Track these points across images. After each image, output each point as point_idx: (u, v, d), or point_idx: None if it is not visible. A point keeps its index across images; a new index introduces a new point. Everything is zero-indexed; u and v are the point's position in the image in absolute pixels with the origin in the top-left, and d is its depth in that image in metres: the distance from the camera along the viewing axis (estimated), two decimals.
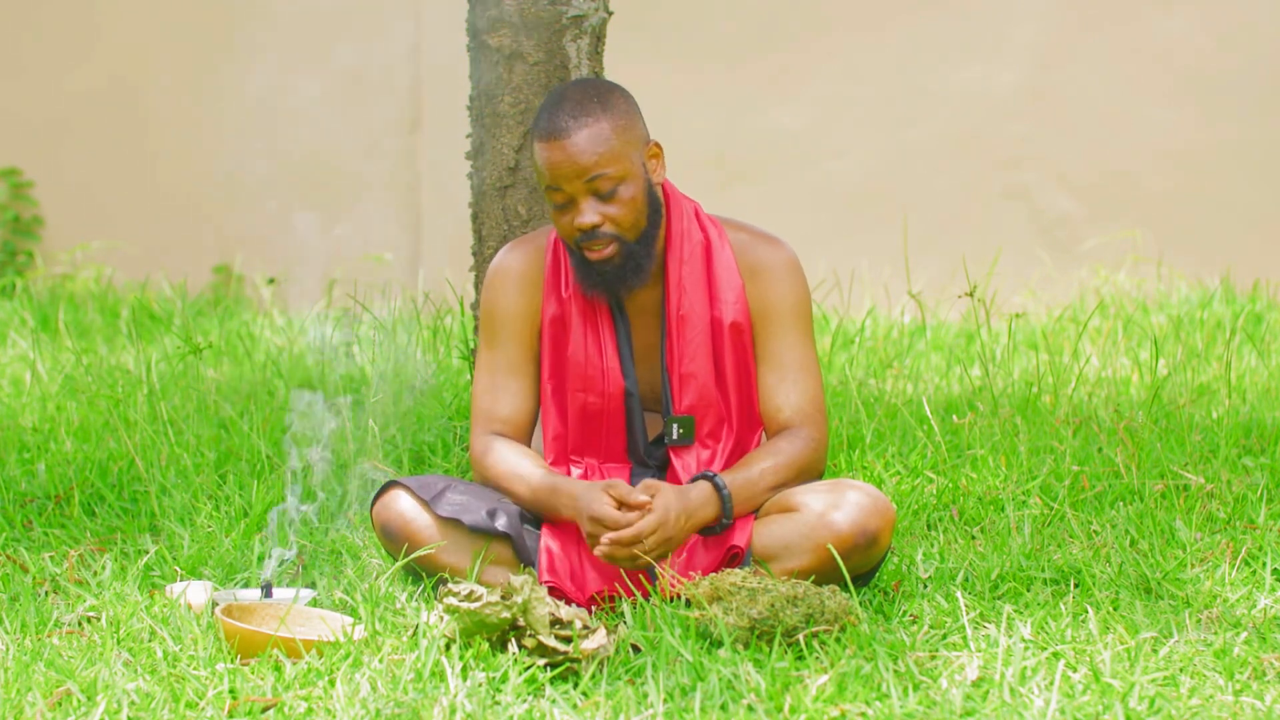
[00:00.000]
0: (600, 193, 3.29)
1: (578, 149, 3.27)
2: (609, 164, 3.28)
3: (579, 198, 3.29)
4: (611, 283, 3.35)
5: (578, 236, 3.32)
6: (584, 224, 3.29)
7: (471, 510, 3.31)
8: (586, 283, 3.37)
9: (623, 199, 3.31)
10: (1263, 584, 3.35)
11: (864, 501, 3.24)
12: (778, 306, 3.44)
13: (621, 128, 3.31)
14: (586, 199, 3.29)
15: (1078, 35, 7.17)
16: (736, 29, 7.32)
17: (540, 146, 3.31)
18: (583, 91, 3.33)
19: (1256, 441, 4.30)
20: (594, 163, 3.27)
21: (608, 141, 3.29)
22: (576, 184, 3.28)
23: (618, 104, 3.32)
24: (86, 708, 2.76)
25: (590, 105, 3.30)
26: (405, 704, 2.71)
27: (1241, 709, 2.73)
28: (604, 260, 3.32)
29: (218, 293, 7.37)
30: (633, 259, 3.34)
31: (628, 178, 3.31)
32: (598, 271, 3.34)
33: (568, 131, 3.28)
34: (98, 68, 7.77)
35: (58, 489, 4.07)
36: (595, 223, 3.29)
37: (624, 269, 3.34)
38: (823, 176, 7.30)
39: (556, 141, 3.28)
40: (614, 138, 3.29)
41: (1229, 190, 7.12)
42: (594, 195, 3.29)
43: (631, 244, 3.33)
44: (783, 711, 2.71)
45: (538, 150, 3.32)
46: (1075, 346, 5.12)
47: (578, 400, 3.43)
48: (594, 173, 3.28)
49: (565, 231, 3.34)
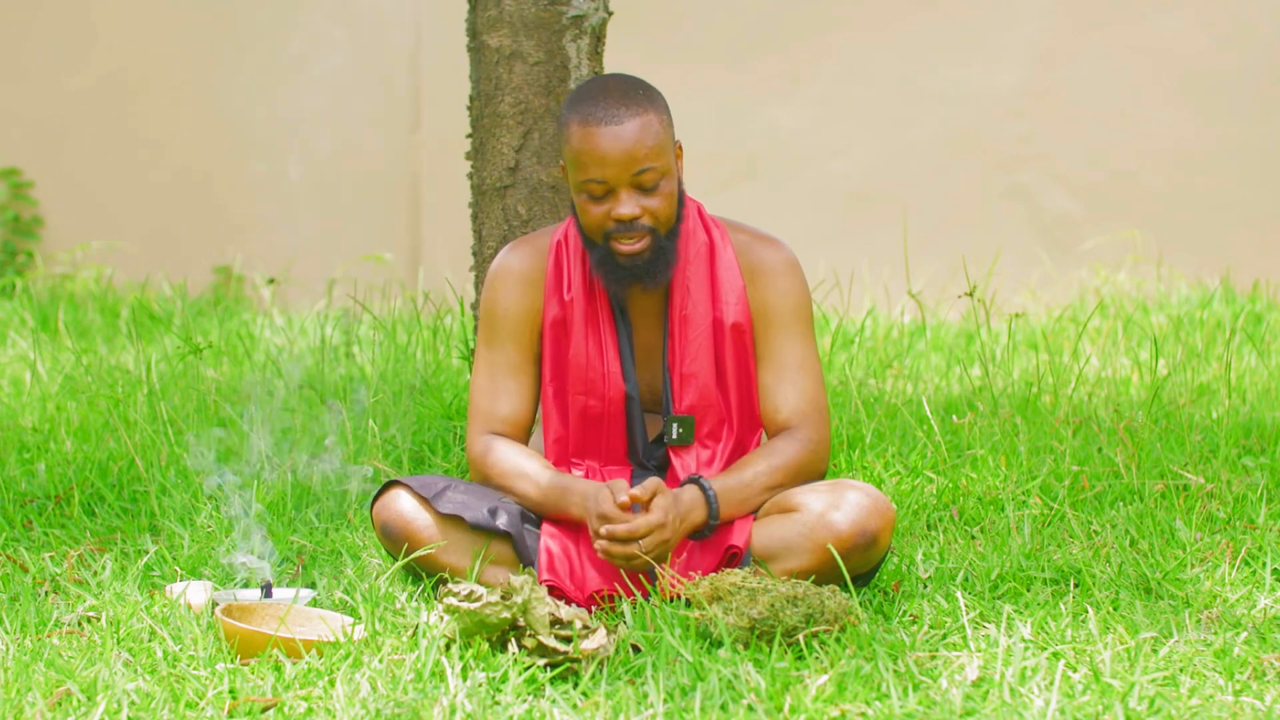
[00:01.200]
0: (644, 186, 3.27)
1: (631, 138, 3.24)
2: (657, 157, 3.27)
3: (621, 188, 3.27)
4: (640, 276, 3.32)
5: (611, 228, 3.29)
6: (624, 215, 3.26)
7: (473, 508, 3.31)
8: (611, 278, 3.33)
9: (663, 193, 3.29)
10: (1263, 584, 3.35)
11: (864, 502, 3.24)
12: (778, 307, 3.44)
13: (665, 122, 3.31)
14: (629, 190, 3.27)
15: (1078, 35, 7.17)
16: (736, 29, 7.32)
17: (585, 132, 3.25)
18: (627, 83, 3.31)
19: (1256, 441, 4.30)
20: (644, 154, 3.25)
21: (656, 135, 3.27)
22: (623, 174, 3.25)
23: (658, 99, 3.32)
24: (86, 708, 2.76)
25: (638, 96, 3.29)
26: (405, 704, 2.71)
27: (1241, 709, 2.73)
28: (635, 254, 3.30)
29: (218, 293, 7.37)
30: (663, 253, 3.32)
31: (668, 172, 3.30)
32: (625, 266, 3.32)
33: (619, 119, 3.25)
34: (97, 68, 7.77)
35: (58, 489, 4.07)
36: (635, 214, 3.27)
37: (654, 263, 3.32)
38: (823, 176, 7.31)
39: (606, 128, 3.24)
40: (660, 131, 3.28)
41: (1228, 190, 7.13)
42: (636, 188, 3.27)
43: (663, 239, 3.32)
44: (783, 711, 2.71)
45: (580, 137, 3.26)
46: (1075, 346, 5.12)
47: (578, 403, 3.43)
48: (643, 165, 3.25)
49: (596, 223, 3.30)
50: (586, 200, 3.29)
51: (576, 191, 3.30)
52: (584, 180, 3.27)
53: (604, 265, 3.34)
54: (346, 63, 7.61)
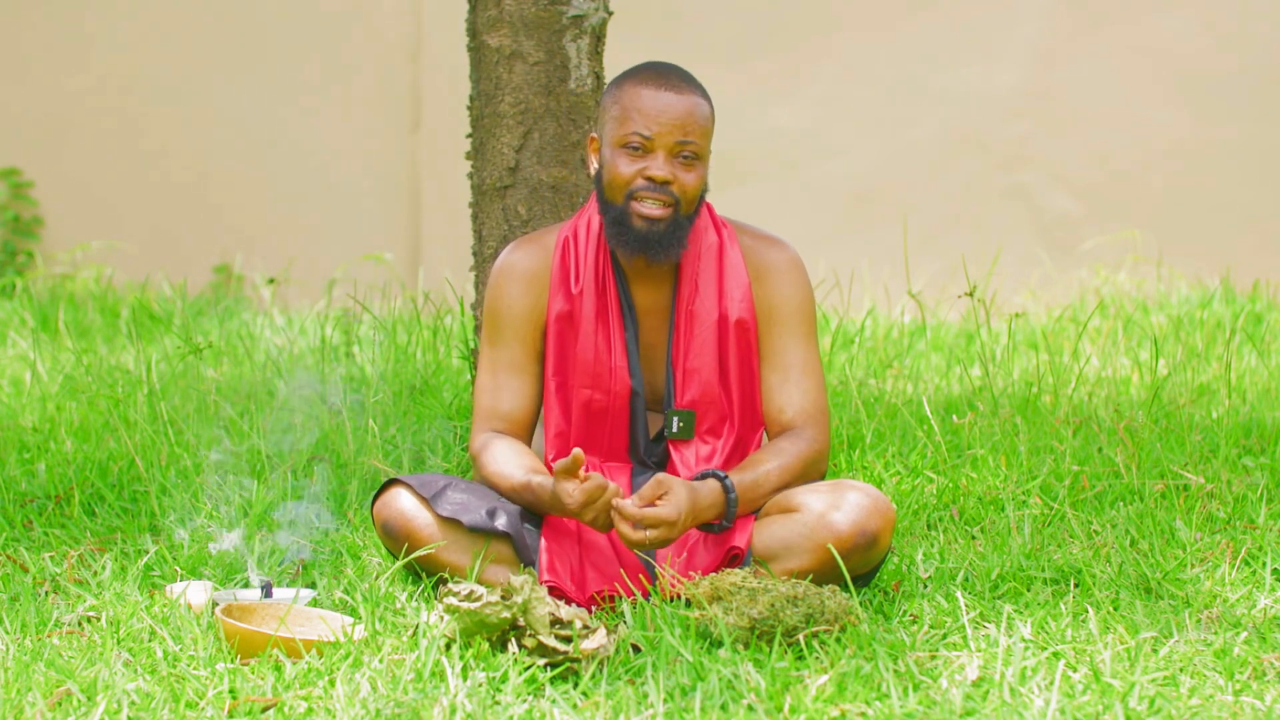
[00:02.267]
0: (683, 156, 3.34)
1: (686, 108, 3.34)
2: (701, 137, 3.36)
3: (661, 151, 3.33)
4: (650, 245, 3.35)
5: (638, 185, 3.33)
6: (657, 174, 3.32)
7: (471, 510, 3.31)
8: (620, 239, 3.37)
9: (696, 173, 3.36)
10: (1263, 584, 3.35)
11: (864, 502, 3.24)
12: (782, 308, 3.45)
13: (712, 119, 3.41)
14: (668, 155, 3.33)
15: (1078, 35, 7.17)
16: (736, 29, 7.32)
17: (645, 91, 3.34)
18: (689, 74, 3.42)
19: (1256, 441, 4.30)
20: (694, 127, 3.34)
21: (706, 118, 3.38)
22: (669, 138, 3.32)
23: (711, 101, 3.42)
24: (86, 708, 2.76)
25: (698, 84, 3.41)
26: (405, 704, 2.71)
27: (1241, 709, 2.73)
28: (653, 220, 3.34)
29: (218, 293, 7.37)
30: (678, 229, 3.36)
31: (704, 158, 3.38)
32: (638, 231, 3.35)
33: (680, 89, 3.36)
34: (97, 68, 7.77)
35: (58, 489, 4.07)
36: (667, 178, 3.33)
37: (667, 236, 3.35)
38: (823, 176, 7.31)
39: (667, 92, 3.34)
40: (709, 119, 3.39)
41: (1228, 190, 7.13)
42: (676, 156, 3.34)
43: (682, 217, 3.36)
44: (783, 711, 2.71)
45: (638, 94, 3.34)
46: (1075, 346, 5.12)
47: (582, 397, 3.43)
48: (689, 137, 3.34)
49: (624, 179, 3.34)
50: (623, 154, 3.35)
51: (615, 146, 3.35)
52: (628, 133, 3.34)
53: (617, 225, 3.37)
54: (346, 63, 7.61)
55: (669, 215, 3.34)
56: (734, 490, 3.28)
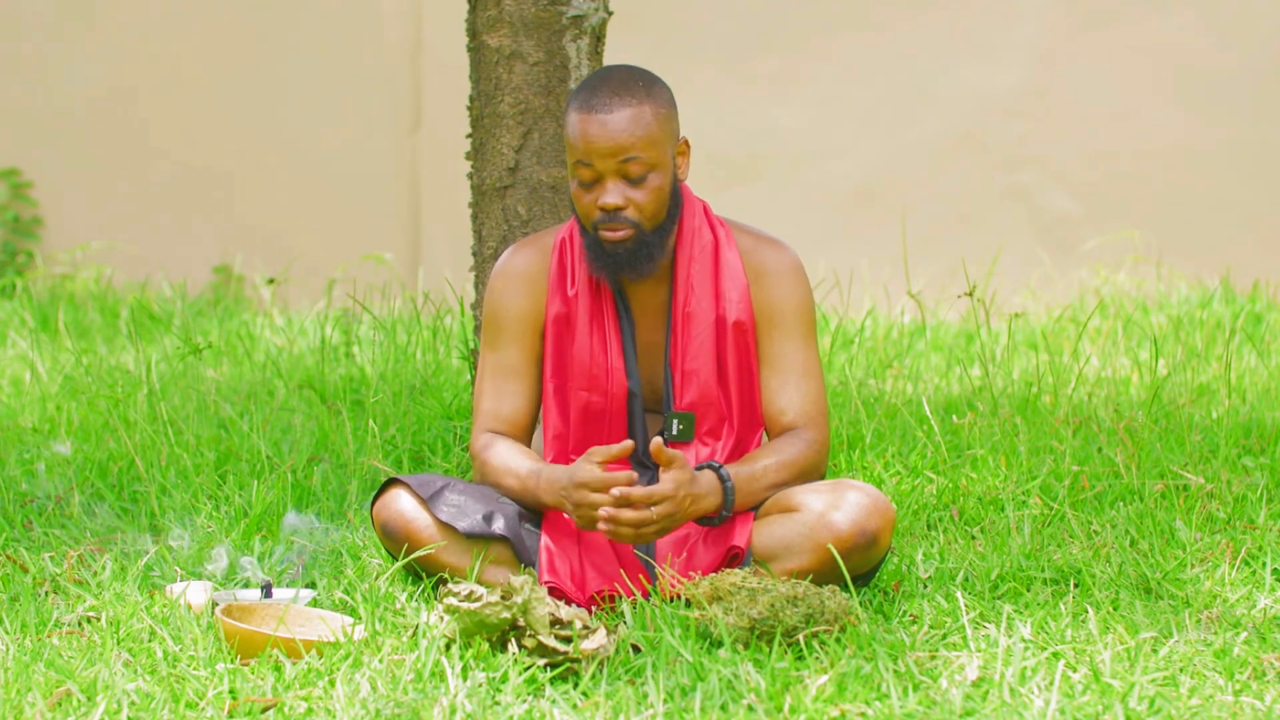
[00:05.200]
0: (630, 176, 3.30)
1: (618, 127, 3.28)
2: (644, 149, 3.29)
3: (607, 177, 3.30)
4: (621, 266, 3.34)
5: (597, 217, 3.32)
6: (608, 204, 3.29)
7: (468, 513, 3.30)
8: (596, 264, 3.36)
9: (650, 186, 3.31)
10: (1263, 584, 3.35)
11: (864, 501, 3.24)
12: (782, 310, 3.44)
13: (662, 117, 3.32)
14: (615, 180, 3.30)
15: (1078, 35, 7.17)
16: (736, 29, 7.32)
17: (578, 119, 3.30)
18: (629, 74, 3.34)
19: (1256, 441, 4.30)
20: (631, 144, 3.28)
21: (647, 126, 3.30)
22: (609, 162, 3.28)
23: (660, 93, 3.34)
24: (86, 708, 2.76)
25: (635, 88, 3.31)
26: (405, 704, 2.71)
27: (1241, 709, 2.73)
28: (618, 242, 3.33)
29: (218, 293, 7.37)
30: (645, 247, 3.34)
31: (658, 166, 3.32)
32: (609, 254, 3.34)
33: (610, 108, 3.29)
34: (98, 68, 7.77)
35: (58, 489, 4.07)
36: (619, 205, 3.29)
37: (635, 255, 3.34)
38: (822, 176, 7.30)
39: (596, 116, 3.28)
40: (654, 124, 3.31)
41: (1228, 190, 7.13)
42: (623, 177, 3.30)
43: (647, 233, 3.34)
44: (783, 711, 2.71)
45: (574, 122, 3.30)
46: (1075, 346, 5.12)
47: (580, 399, 3.43)
48: (629, 154, 3.28)
49: (585, 211, 3.33)
50: (577, 186, 3.34)
51: (570, 176, 3.35)
52: (574, 163, 3.32)
53: (592, 250, 3.37)
54: (346, 63, 7.61)
55: (631, 235, 3.33)
56: (730, 479, 3.28)
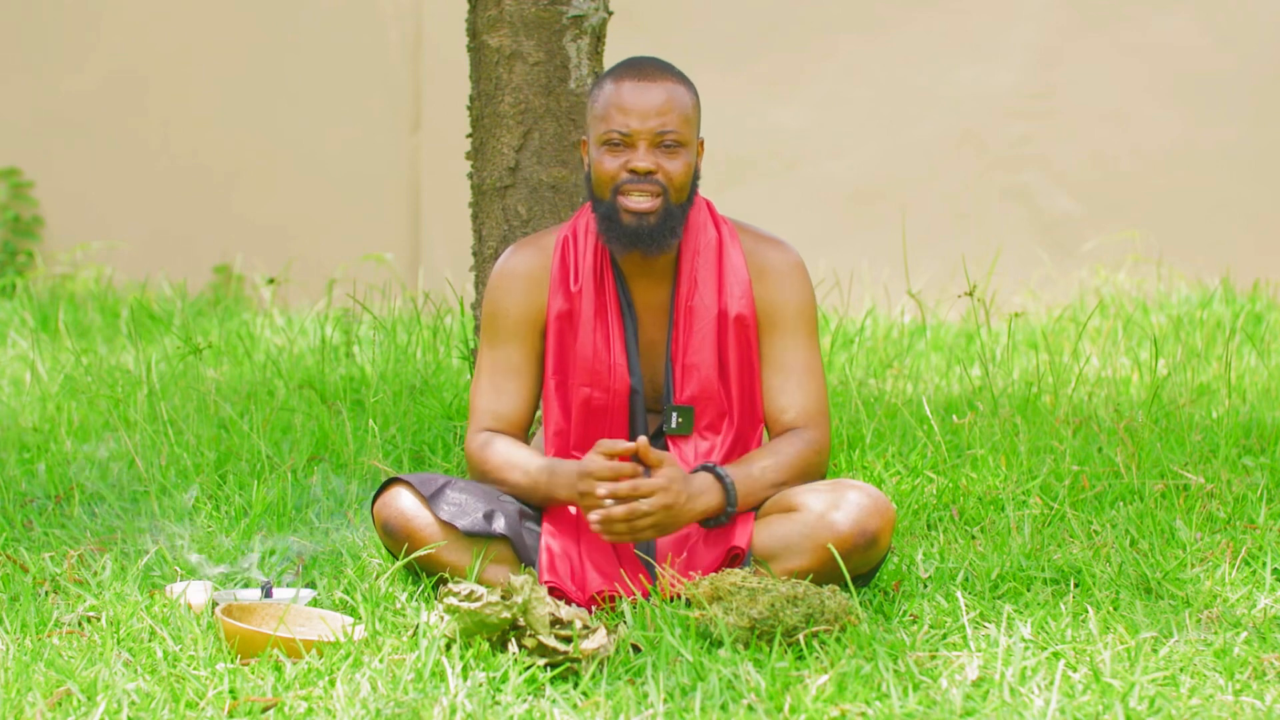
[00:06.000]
0: (664, 144, 3.34)
1: (659, 95, 3.34)
2: (680, 124, 3.35)
3: (641, 142, 3.33)
4: (642, 239, 3.35)
5: (623, 179, 3.33)
6: (640, 166, 3.32)
7: (469, 512, 3.31)
8: (612, 235, 3.36)
9: (682, 160, 3.36)
10: (1263, 584, 3.35)
11: (864, 501, 3.24)
12: (784, 309, 3.45)
13: (694, 104, 3.41)
14: (649, 145, 3.33)
15: (1078, 35, 7.17)
16: (737, 29, 7.32)
17: (615, 87, 3.34)
18: (667, 63, 3.42)
19: (1256, 441, 4.30)
20: (669, 113, 3.34)
21: (683, 104, 3.37)
22: (646, 128, 3.32)
23: (693, 87, 3.43)
24: (86, 708, 2.76)
25: (673, 70, 3.41)
26: (405, 704, 2.71)
27: (1241, 709, 2.73)
28: (642, 214, 3.34)
29: (218, 293, 7.37)
30: (669, 219, 3.36)
31: (688, 145, 3.37)
32: (628, 226, 3.34)
33: (652, 77, 3.36)
34: (97, 68, 7.77)
35: (58, 489, 4.07)
36: (651, 168, 3.32)
37: (659, 228, 3.35)
38: (822, 176, 7.31)
39: (641, 84, 3.34)
40: (689, 105, 3.39)
41: (1228, 190, 7.13)
42: (658, 146, 3.34)
43: (673, 205, 3.36)
44: (783, 711, 2.71)
45: (614, 90, 3.35)
46: (1075, 346, 5.12)
47: (581, 395, 3.43)
48: (669, 125, 3.34)
49: (609, 175, 3.34)
50: (605, 152, 3.35)
51: (599, 144, 3.36)
52: (608, 129, 3.34)
53: (607, 222, 3.37)
54: (346, 63, 7.61)
55: (659, 206, 3.34)
56: (729, 477, 3.28)
